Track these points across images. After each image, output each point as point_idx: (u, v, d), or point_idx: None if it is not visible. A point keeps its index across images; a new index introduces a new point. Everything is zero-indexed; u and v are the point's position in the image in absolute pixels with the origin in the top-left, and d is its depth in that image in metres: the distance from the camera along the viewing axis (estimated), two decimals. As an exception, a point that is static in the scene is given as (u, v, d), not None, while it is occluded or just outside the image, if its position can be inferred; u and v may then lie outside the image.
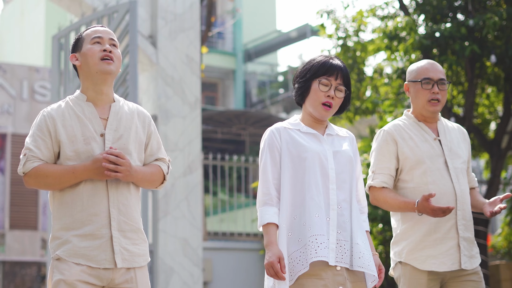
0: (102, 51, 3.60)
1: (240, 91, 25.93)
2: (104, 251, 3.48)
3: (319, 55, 3.75)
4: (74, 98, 3.65)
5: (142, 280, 3.58)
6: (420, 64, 4.46)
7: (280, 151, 3.66)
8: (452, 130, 4.45)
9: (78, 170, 3.47)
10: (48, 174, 3.49)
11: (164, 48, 9.66)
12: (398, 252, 4.30)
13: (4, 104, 18.25)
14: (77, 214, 3.49)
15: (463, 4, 9.86)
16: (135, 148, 3.64)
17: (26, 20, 25.85)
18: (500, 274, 11.45)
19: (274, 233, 3.54)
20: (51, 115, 3.57)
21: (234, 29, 26.25)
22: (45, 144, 3.53)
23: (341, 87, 3.68)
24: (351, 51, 11.93)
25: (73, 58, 3.67)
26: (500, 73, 10.19)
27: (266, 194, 3.61)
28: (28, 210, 18.26)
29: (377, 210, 10.25)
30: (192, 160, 9.74)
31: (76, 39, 3.71)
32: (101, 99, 3.64)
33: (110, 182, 3.53)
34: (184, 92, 9.76)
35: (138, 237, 3.60)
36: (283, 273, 3.45)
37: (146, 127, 3.73)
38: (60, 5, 9.99)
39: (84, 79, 3.65)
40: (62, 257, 3.45)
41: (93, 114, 3.59)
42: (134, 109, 3.73)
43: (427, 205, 4.07)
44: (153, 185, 3.73)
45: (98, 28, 3.69)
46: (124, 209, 3.55)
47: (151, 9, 9.79)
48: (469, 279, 4.25)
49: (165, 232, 9.41)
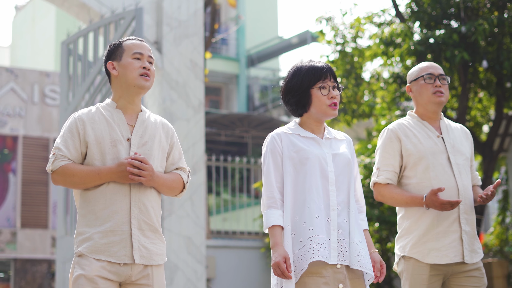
0: (142, 68, 3.67)
1: (243, 95, 25.95)
2: (124, 247, 3.52)
3: (298, 65, 3.76)
4: (104, 105, 3.72)
5: (158, 278, 3.62)
6: (420, 65, 4.50)
7: (282, 155, 3.67)
8: (455, 129, 4.46)
9: (103, 172, 3.53)
10: (75, 173, 3.55)
11: (169, 54, 9.69)
12: (402, 247, 4.29)
13: (16, 107, 18.30)
14: (100, 212, 3.54)
15: (456, 11, 9.88)
16: (158, 155, 3.71)
17: (37, 27, 25.90)
18: (492, 272, 11.45)
19: (279, 235, 3.56)
20: (81, 118, 3.64)
21: (237, 35, 26.28)
22: (73, 144, 3.60)
23: (336, 85, 3.72)
24: (349, 57, 11.97)
25: (110, 66, 3.72)
26: (492, 78, 10.21)
27: (270, 197, 3.63)
28: (39, 209, 18.30)
29: (373, 210, 10.27)
30: (196, 161, 9.76)
31: (114, 47, 3.75)
32: (131, 108, 3.72)
33: (133, 183, 3.60)
34: (188, 96, 9.78)
35: (156, 237, 3.65)
36: (289, 272, 3.46)
37: (169, 137, 3.80)
38: (70, 12, 10.02)
39: (118, 88, 3.71)
40: (84, 253, 3.51)
41: (121, 120, 3.67)
42: (159, 121, 3.80)
43: (436, 199, 4.09)
44: (173, 192, 3.78)
45: (139, 44, 3.74)
46: (145, 209, 3.60)
47: (157, 16, 9.82)
48: (471, 275, 4.22)
49: (170, 230, 9.43)
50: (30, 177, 18.29)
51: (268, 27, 27.04)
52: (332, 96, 3.68)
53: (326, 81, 3.69)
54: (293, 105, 3.74)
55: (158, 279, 3.62)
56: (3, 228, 17.89)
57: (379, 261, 3.70)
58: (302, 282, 3.52)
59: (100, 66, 8.67)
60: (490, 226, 14.62)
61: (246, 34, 26.23)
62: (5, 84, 18.30)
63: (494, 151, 10.82)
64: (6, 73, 18.44)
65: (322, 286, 3.50)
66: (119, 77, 3.69)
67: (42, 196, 18.30)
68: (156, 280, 3.61)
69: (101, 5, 9.51)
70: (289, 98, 3.74)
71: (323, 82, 3.68)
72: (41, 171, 18.28)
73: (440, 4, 9.82)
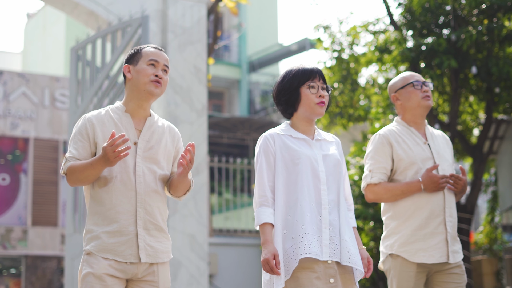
0: (154, 75, 3.65)
1: (245, 99, 25.95)
2: (130, 247, 3.52)
3: (289, 68, 3.77)
4: (114, 108, 3.70)
5: (163, 275, 3.62)
6: (403, 74, 4.55)
7: (275, 155, 3.66)
8: (438, 136, 4.51)
9: (94, 161, 3.48)
10: (76, 169, 3.53)
11: (173, 60, 9.71)
12: (389, 245, 4.32)
13: (27, 110, 18.32)
14: (107, 212, 3.54)
15: (447, 20, 9.90)
16: (164, 158, 3.69)
17: (48, 34, 25.92)
18: (482, 268, 11.47)
19: (269, 232, 3.55)
20: (91, 120, 3.63)
21: (239, 42, 26.29)
22: (82, 145, 3.59)
23: (325, 86, 3.73)
24: (345, 63, 12.00)
25: (126, 69, 3.71)
26: (481, 84, 10.23)
27: (262, 196, 3.62)
28: (49, 208, 18.31)
29: (368, 209, 10.28)
30: (199, 162, 9.78)
31: (134, 52, 3.74)
32: (139, 112, 3.69)
33: (139, 184, 3.58)
34: (192, 100, 9.80)
35: (162, 235, 3.64)
36: (278, 269, 3.47)
37: (175, 142, 3.79)
38: (79, 20, 10.04)
39: (129, 91, 3.69)
40: (93, 251, 3.51)
41: (129, 124, 3.65)
42: (166, 126, 3.78)
43: (433, 175, 4.20)
44: (183, 192, 3.75)
45: (157, 52, 3.72)
46: (151, 209, 3.59)
47: (162, 23, 9.84)
48: (453, 272, 4.29)
49: (174, 228, 9.44)
50: (41, 177, 18.30)
51: (269, 35, 27.03)
52: (321, 95, 3.68)
53: (315, 81, 3.69)
54: (283, 104, 3.74)
55: (163, 276, 3.62)
56: (14, 226, 17.91)
57: (366, 258, 3.70)
58: (295, 277, 3.52)
59: (108, 71, 8.69)
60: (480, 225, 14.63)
61: (248, 41, 26.23)
62: (17, 88, 18.32)
63: (484, 153, 10.83)
64: (18, 77, 18.46)
65: (314, 280, 3.50)
66: (132, 81, 3.67)
67: (52, 195, 18.31)
68: (162, 276, 3.61)
69: (109, 13, 9.54)
70: (280, 98, 3.74)
71: (312, 82, 3.69)
72: (51, 171, 18.29)
73: (431, 13, 9.84)
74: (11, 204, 18.06)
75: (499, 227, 12.73)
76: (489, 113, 10.57)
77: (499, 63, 9.43)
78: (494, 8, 9.60)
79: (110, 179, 3.57)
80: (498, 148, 12.22)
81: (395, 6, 10.50)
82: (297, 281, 3.52)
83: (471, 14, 9.87)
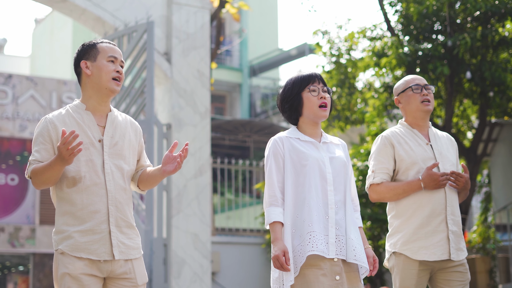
0: (115, 71, 3.56)
1: (246, 102, 25.97)
2: (103, 244, 3.45)
3: (290, 77, 3.81)
4: (73, 107, 3.59)
5: (139, 270, 3.57)
6: (405, 78, 4.53)
7: (284, 157, 3.68)
8: (442, 137, 4.48)
9: (52, 162, 3.36)
10: (37, 172, 3.42)
11: (177, 64, 9.73)
12: (393, 244, 4.32)
13: (35, 113, 18.34)
14: (78, 212, 3.45)
15: (443, 27, 9.92)
16: (129, 153, 3.62)
17: (55, 38, 25.95)
18: (475, 267, 11.48)
19: (279, 230, 3.57)
20: (52, 121, 3.50)
21: (241, 47, 26.31)
22: (45, 147, 3.47)
23: (326, 89, 3.76)
24: (343, 68, 12.01)
25: (84, 65, 3.57)
26: (475, 88, 10.24)
27: (272, 196, 3.64)
28: (56, 207, 18.32)
29: (365, 209, 10.30)
30: (202, 163, 9.80)
31: (88, 47, 3.60)
32: (100, 109, 3.59)
33: (108, 182, 3.51)
34: (195, 103, 9.82)
35: (132, 232, 3.58)
36: (288, 265, 3.49)
37: (138, 136, 3.71)
38: (86, 25, 10.06)
39: (89, 88, 3.58)
40: (66, 251, 3.42)
41: (92, 122, 3.54)
42: (128, 120, 3.68)
43: (433, 173, 4.17)
44: (153, 186, 3.72)
45: (114, 48, 3.62)
46: (121, 206, 3.52)
47: (166, 29, 9.86)
48: (456, 270, 4.26)
49: (177, 227, 9.46)
50: (48, 178, 18.31)
51: (269, 40, 27.06)
52: (322, 96, 3.71)
53: (315, 84, 3.72)
54: (287, 111, 3.76)
55: (139, 271, 3.56)
56: (23, 224, 17.93)
57: (372, 256, 3.72)
58: (302, 274, 3.54)
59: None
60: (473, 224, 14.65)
61: (249, 46, 26.26)
62: (26, 92, 18.34)
63: (478, 155, 10.84)
64: (26, 81, 18.49)
65: (320, 277, 3.52)
66: (91, 77, 3.55)
67: (59, 195, 18.33)
68: (138, 271, 3.55)
69: (115, 18, 9.56)
70: (284, 106, 3.76)
71: (312, 85, 3.72)
72: (59, 172, 18.31)
73: (428, 19, 9.86)
74: (19, 203, 18.08)
75: (492, 227, 12.75)
76: (483, 117, 10.58)
77: (492, 68, 9.45)
78: (488, 15, 9.62)
79: (79, 179, 3.46)
80: (491, 150, 12.24)
81: (392, 13, 10.53)
82: (304, 278, 3.53)
83: (466, 21, 9.89)
